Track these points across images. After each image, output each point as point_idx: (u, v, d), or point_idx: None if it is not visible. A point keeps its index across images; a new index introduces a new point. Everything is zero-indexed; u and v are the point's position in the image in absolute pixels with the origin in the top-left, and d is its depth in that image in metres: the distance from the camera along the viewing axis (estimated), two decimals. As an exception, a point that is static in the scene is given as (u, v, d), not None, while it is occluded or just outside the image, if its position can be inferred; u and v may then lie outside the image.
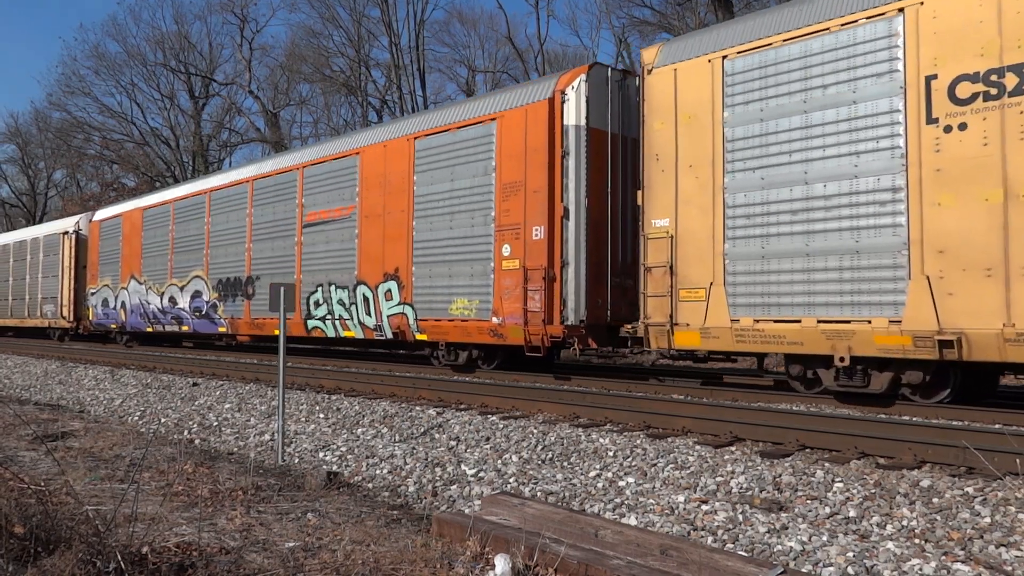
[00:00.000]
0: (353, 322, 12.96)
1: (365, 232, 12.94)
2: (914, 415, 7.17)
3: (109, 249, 22.12)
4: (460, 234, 11.34)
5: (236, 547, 4.35)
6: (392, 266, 12.33)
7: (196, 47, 43.87)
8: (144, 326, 19.86)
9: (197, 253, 17.73)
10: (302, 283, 14.09)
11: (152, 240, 19.84)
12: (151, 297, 19.46)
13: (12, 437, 8.35)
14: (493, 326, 10.65)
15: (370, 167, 12.96)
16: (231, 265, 16.47)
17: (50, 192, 55.44)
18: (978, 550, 4.10)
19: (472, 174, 11.28)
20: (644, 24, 30.93)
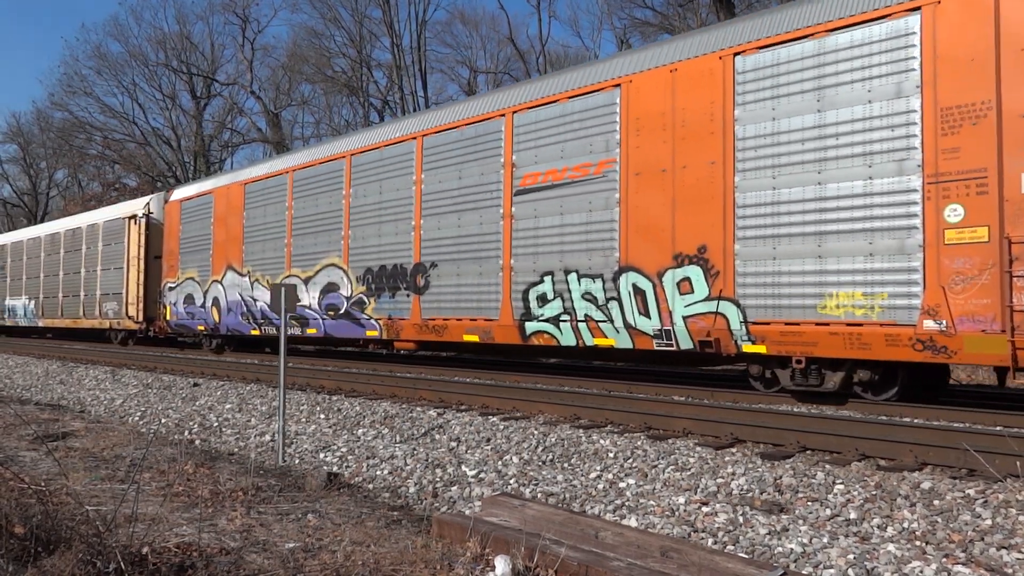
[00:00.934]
0: (614, 325, 9.25)
1: (635, 196, 9.13)
2: (915, 417, 7.16)
3: (195, 234, 18.06)
4: (840, 191, 7.54)
5: (236, 548, 4.35)
6: (692, 244, 8.58)
7: (198, 47, 43.95)
8: (247, 328, 15.96)
9: (330, 235, 13.87)
10: (514, 271, 10.47)
11: (259, 221, 15.85)
12: (259, 292, 15.50)
13: (13, 437, 8.36)
14: (927, 333, 6.94)
15: (642, 103, 9.16)
16: (389, 249, 12.67)
17: (52, 192, 55.53)
18: (979, 552, 4.09)
19: (868, 97, 7.43)
20: (645, 25, 30.95)
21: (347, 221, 13.52)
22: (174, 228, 19.03)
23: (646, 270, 9.01)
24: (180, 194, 19.26)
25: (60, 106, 45.85)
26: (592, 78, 9.84)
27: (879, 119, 7.39)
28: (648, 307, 8.96)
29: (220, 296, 16.83)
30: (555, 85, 10.35)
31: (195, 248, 18.04)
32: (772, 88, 8.12)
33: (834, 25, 7.71)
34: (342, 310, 13.42)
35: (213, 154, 45.07)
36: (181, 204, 18.79)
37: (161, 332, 20.00)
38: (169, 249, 19.12)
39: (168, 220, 19.44)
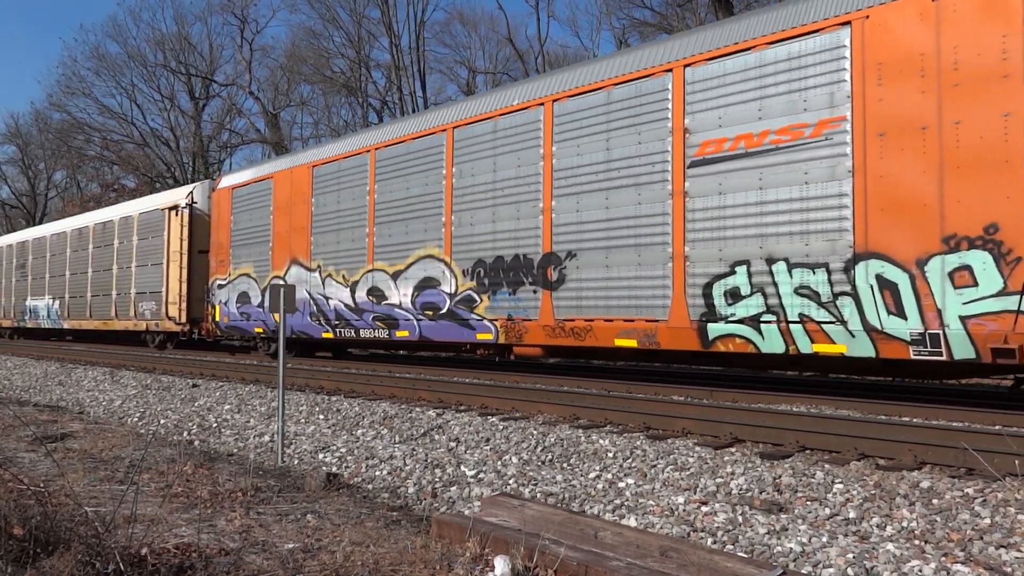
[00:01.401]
0: (846, 328, 7.44)
1: (878, 163, 7.29)
2: (914, 416, 7.17)
3: (250, 225, 16.05)
4: None
5: (235, 548, 4.35)
6: (974, 222, 6.69)
7: (196, 48, 43.98)
8: (317, 330, 14.01)
9: (426, 222, 11.90)
10: (689, 260, 8.64)
11: (332, 208, 13.84)
12: (332, 289, 13.65)
13: (11, 438, 8.35)
14: None
15: (887, 44, 7.29)
16: (507, 237, 10.69)
17: (50, 193, 55.53)
18: (978, 551, 4.10)
19: None
20: (644, 25, 30.97)
21: (449, 205, 11.42)
22: (224, 219, 16.82)
23: (897, 257, 7.12)
24: (231, 180, 16.97)
25: (58, 107, 45.92)
26: (807, 16, 7.87)
27: None
28: (902, 305, 7.09)
29: None
30: (747, 29, 8.39)
31: (250, 240, 15.99)
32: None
33: None
34: (443, 309, 11.36)
35: (212, 155, 45.09)
36: (232, 192, 16.56)
37: (209, 334, 17.73)
38: (218, 242, 16.93)
39: (216, 210, 17.17)
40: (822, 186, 7.69)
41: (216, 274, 17.09)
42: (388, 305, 12.44)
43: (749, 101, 8.25)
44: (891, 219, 7.20)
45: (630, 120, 9.34)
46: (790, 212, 7.90)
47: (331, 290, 13.73)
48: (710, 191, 8.51)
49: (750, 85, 8.27)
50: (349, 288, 13.28)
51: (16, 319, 28.71)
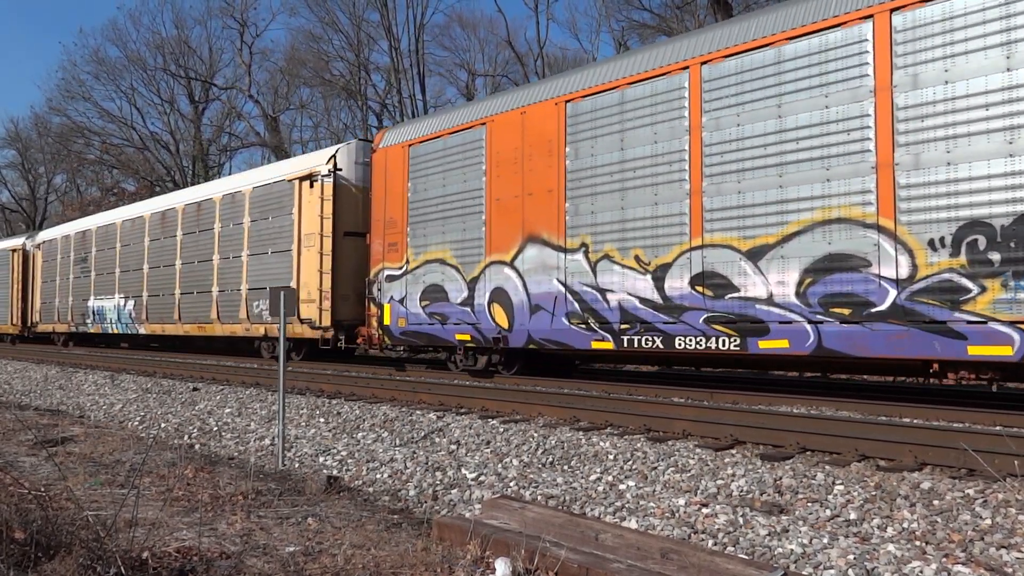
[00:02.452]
0: None
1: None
2: (914, 417, 7.17)
3: (445, 193, 12.06)
4: None
5: (236, 552, 4.35)
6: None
7: (196, 52, 43.98)
8: (583, 338, 10.03)
9: (832, 166, 7.91)
10: None
11: (608, 159, 9.94)
12: (613, 277, 9.74)
13: (12, 442, 8.35)
14: None
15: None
16: None
17: (50, 197, 55.52)
18: (979, 552, 4.10)
19: None
20: (644, 27, 31.00)
21: (887, 133, 7.51)
22: (395, 186, 12.84)
23: None
24: (405, 134, 13.03)
25: (58, 111, 45.91)
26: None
27: None
28: None
29: (510, 286, 10.86)
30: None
31: (444, 213, 12.05)
32: None
33: None
34: (880, 305, 7.49)
35: (212, 158, 45.11)
36: (409, 150, 12.67)
37: (375, 343, 13.32)
38: (386, 219, 13.01)
39: (380, 176, 13.24)
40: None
41: (384, 262, 12.94)
42: (740, 299, 8.51)
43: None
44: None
45: None
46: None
47: (610, 278, 9.74)
48: None
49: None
50: (651, 275, 9.29)
51: (75, 323, 24.29)
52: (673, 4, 29.06)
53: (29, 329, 27.72)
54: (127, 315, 21.35)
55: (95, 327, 23.02)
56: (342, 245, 14.47)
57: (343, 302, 14.28)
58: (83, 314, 23.76)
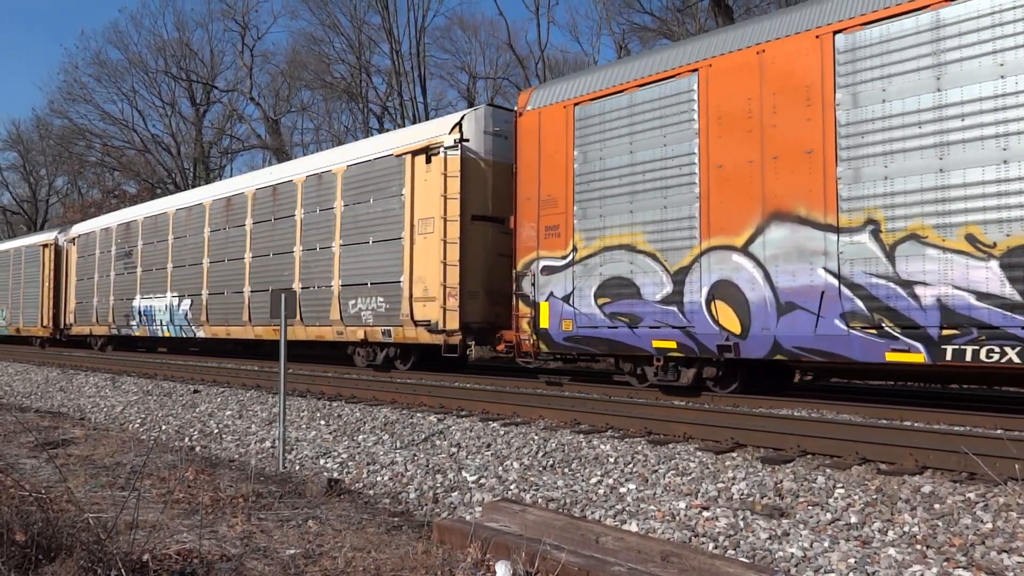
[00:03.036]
0: None
1: None
2: (915, 420, 7.17)
3: (634, 162, 9.59)
4: None
5: (237, 554, 4.35)
6: None
7: (197, 54, 44.03)
8: (877, 348, 7.59)
9: None
10: None
11: (930, 103, 7.34)
12: (927, 263, 7.30)
13: (13, 444, 8.35)
14: None
15: None
16: None
17: (51, 199, 55.58)
18: (980, 556, 4.09)
19: None
20: (644, 30, 31.04)
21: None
22: (555, 157, 10.29)
23: None
24: (569, 91, 10.44)
25: (60, 113, 45.95)
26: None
27: None
28: None
29: (742, 278, 8.50)
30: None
31: (630, 187, 9.57)
32: None
33: None
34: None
35: (213, 160, 45.16)
36: (574, 110, 10.16)
37: (526, 351, 10.66)
38: (544, 197, 10.43)
39: (530, 146, 10.63)
40: None
41: (539, 251, 10.40)
42: None
43: None
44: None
45: None
46: None
47: (920, 266, 7.27)
48: None
49: None
50: (998, 261, 6.88)
51: (116, 325, 21.62)
52: (674, 7, 29.11)
53: (62, 332, 25.11)
54: (182, 316, 18.58)
55: (141, 330, 20.29)
56: (471, 231, 11.96)
57: (471, 300, 11.77)
58: (126, 315, 20.99)
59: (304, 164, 15.91)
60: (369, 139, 15.66)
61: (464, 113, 12.44)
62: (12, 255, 28.57)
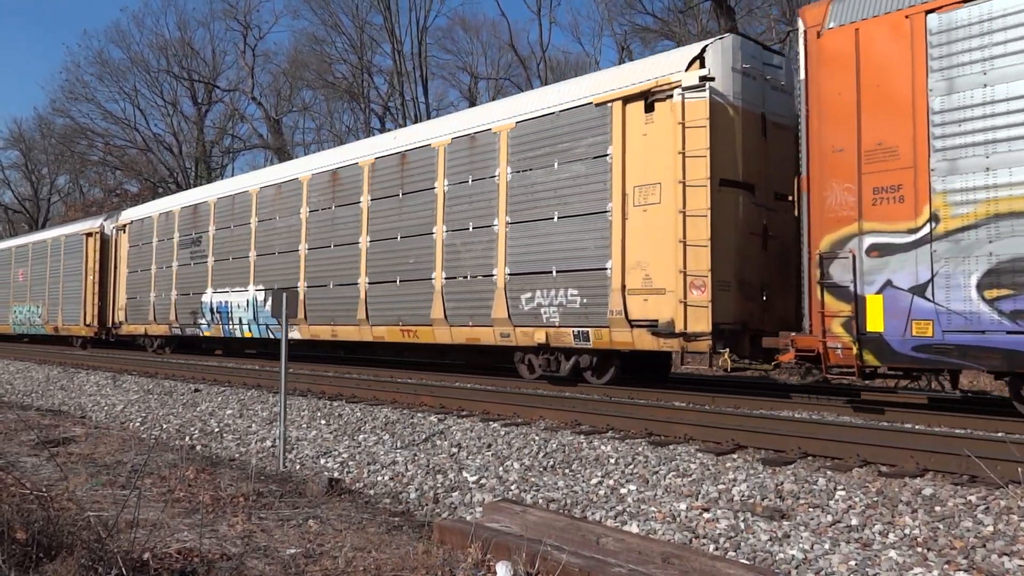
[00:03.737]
0: None
1: None
2: (916, 423, 7.16)
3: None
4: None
5: (237, 553, 4.35)
6: None
7: (199, 53, 44.04)
8: None
9: None
10: None
11: None
12: None
13: (14, 442, 8.36)
14: None
15: None
16: None
17: (53, 198, 55.63)
18: (981, 559, 4.09)
19: None
20: (646, 31, 31.04)
21: None
22: (891, 88, 7.50)
23: None
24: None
25: (62, 112, 45.97)
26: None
27: None
28: None
29: None
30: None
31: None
32: None
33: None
34: None
35: (214, 160, 45.17)
36: (925, 19, 7.34)
37: (842, 364, 7.69)
38: (868, 147, 7.60)
39: (838, 76, 7.85)
40: None
41: (862, 222, 7.59)
42: None
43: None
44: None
45: None
46: None
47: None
48: None
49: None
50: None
51: (179, 324, 18.67)
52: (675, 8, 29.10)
53: (109, 331, 22.32)
54: (269, 313, 15.60)
55: (213, 328, 17.36)
56: (718, 201, 9.09)
57: (721, 292, 8.97)
58: (193, 312, 18.05)
59: (446, 124, 12.76)
60: (546, 88, 12.09)
61: (706, 44, 9.51)
62: (50, 245, 25.65)
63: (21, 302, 27.48)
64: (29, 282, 26.98)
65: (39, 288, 26.28)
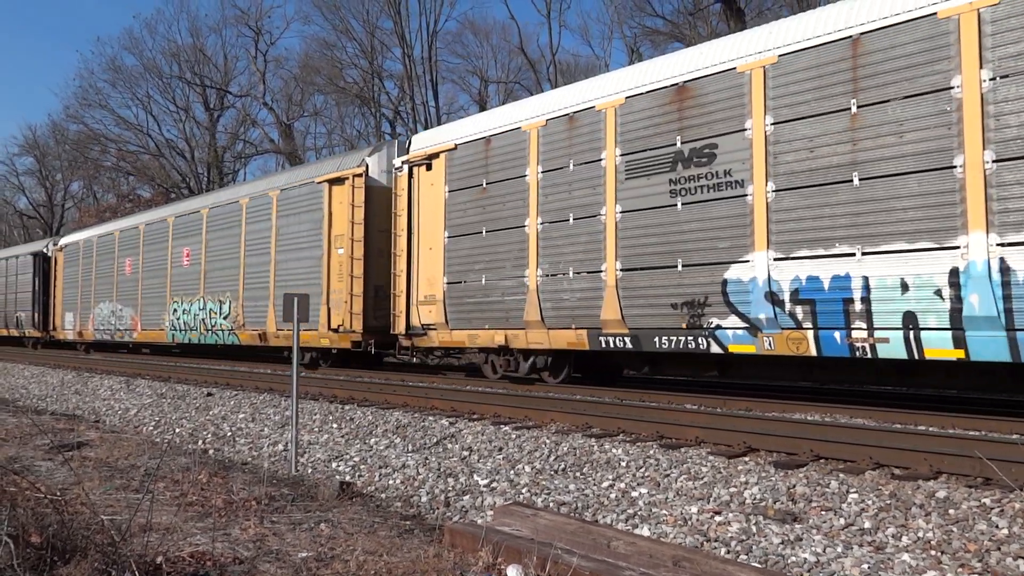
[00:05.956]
0: None
1: None
2: (930, 425, 7.11)
3: None
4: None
5: (249, 557, 4.37)
6: None
7: (211, 59, 44.37)
8: None
9: None
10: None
11: None
12: None
13: (29, 447, 8.43)
14: None
15: None
16: None
17: (67, 203, 56.11)
18: (995, 562, 4.06)
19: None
20: (656, 33, 31.02)
21: None
22: None
23: None
24: None
25: (75, 118, 46.43)
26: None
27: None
28: None
29: None
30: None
31: None
32: None
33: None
34: None
35: (226, 165, 45.44)
36: None
37: None
38: None
39: None
40: None
41: None
42: None
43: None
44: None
45: None
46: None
47: None
48: None
49: None
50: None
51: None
52: (685, 10, 29.07)
53: (410, 337, 12.82)
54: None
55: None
56: None
57: None
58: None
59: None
60: None
61: None
62: (245, 207, 17.19)
63: (187, 296, 19.07)
64: (204, 265, 18.50)
65: (221, 273, 17.91)
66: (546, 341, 10.69)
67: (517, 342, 11.09)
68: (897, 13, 7.70)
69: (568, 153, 10.58)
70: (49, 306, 27.37)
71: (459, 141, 12.17)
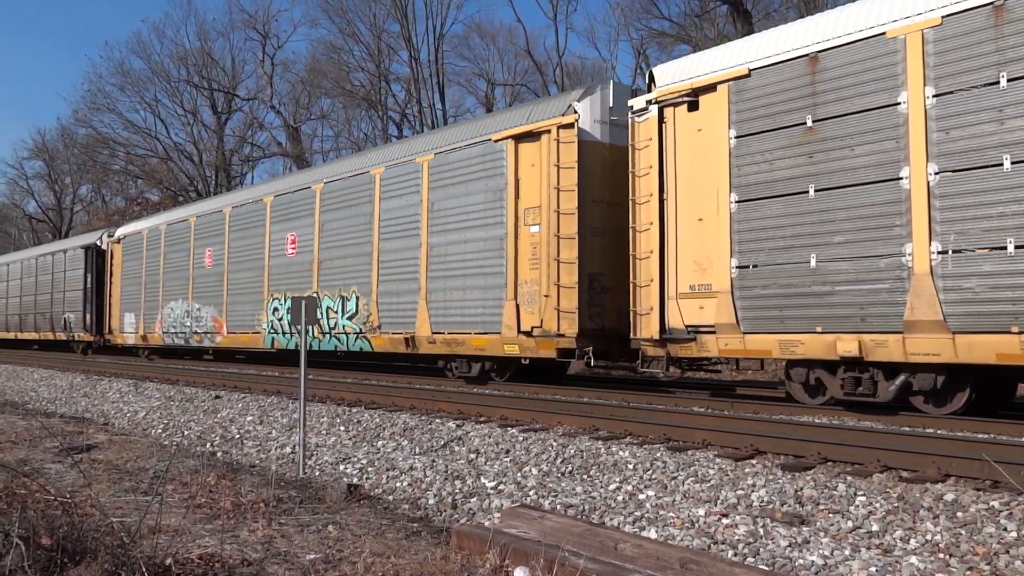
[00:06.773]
0: None
1: None
2: (938, 428, 7.09)
3: None
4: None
5: (258, 559, 4.39)
6: None
7: (219, 63, 44.50)
8: None
9: None
10: None
11: None
12: None
13: (39, 449, 8.47)
14: None
15: None
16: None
17: (76, 207, 56.37)
18: (1004, 565, 4.04)
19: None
20: (663, 36, 30.99)
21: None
22: None
23: None
24: None
25: (84, 122, 46.63)
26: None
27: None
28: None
29: None
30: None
31: None
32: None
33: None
34: None
35: (234, 168, 45.58)
36: None
37: None
38: None
39: None
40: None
41: None
42: None
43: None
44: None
45: None
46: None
47: None
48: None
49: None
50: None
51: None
52: (692, 13, 29.05)
53: (657, 348, 9.86)
54: None
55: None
56: None
57: None
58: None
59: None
60: None
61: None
62: (379, 180, 14.05)
63: (293, 291, 15.85)
64: (317, 253, 15.47)
65: (342, 263, 14.89)
66: (946, 352, 7.24)
67: (881, 352, 7.64)
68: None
69: (997, 61, 7.01)
70: (104, 306, 23.99)
71: (755, 65, 8.76)
